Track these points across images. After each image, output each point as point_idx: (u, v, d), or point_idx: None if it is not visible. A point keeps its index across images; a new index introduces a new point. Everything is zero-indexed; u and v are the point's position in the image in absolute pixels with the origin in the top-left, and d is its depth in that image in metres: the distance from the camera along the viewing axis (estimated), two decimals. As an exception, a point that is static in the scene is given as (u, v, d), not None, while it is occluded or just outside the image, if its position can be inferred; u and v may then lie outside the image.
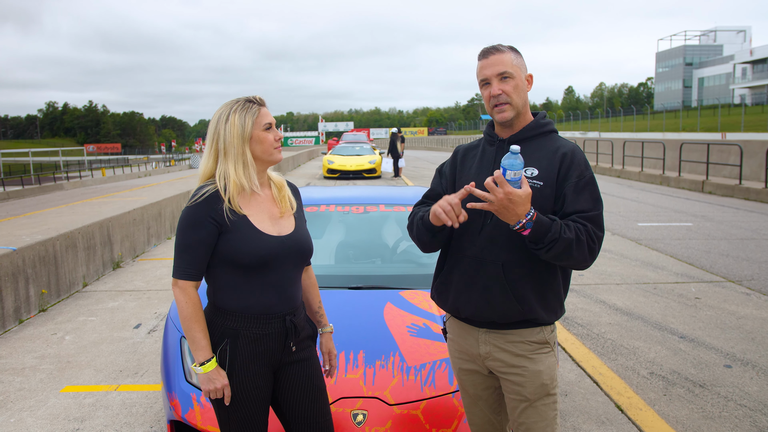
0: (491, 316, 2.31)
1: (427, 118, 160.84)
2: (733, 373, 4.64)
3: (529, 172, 2.28)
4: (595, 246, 2.20)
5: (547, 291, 2.30)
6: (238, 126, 2.26)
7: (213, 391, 2.26)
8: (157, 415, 4.07)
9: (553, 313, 2.34)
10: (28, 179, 30.79)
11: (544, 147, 2.33)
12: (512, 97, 2.29)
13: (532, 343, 2.32)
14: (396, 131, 24.47)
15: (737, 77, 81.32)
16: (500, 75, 2.28)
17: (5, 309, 5.99)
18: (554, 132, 2.41)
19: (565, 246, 2.11)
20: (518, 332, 2.32)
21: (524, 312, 2.27)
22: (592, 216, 2.21)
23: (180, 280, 2.25)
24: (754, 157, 17.36)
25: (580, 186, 2.24)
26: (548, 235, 2.10)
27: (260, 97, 2.34)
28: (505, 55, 2.30)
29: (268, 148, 2.32)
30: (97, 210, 9.86)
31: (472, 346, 2.41)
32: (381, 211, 4.68)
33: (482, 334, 2.38)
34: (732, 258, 8.57)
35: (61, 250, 7.14)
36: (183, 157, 63.09)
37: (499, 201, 2.06)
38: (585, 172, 2.26)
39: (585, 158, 2.32)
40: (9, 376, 4.81)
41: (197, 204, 2.24)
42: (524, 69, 2.34)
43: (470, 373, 2.48)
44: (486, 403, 2.51)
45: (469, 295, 2.34)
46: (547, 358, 2.35)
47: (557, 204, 2.26)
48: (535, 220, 2.09)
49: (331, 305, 3.47)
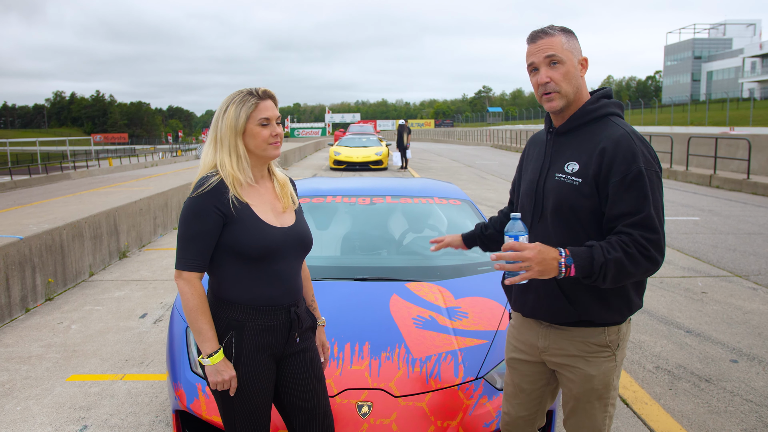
0: (545, 315, 2.27)
1: (434, 110, 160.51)
2: (739, 367, 4.62)
3: (571, 168, 2.17)
4: (650, 252, 2.01)
5: (607, 291, 2.15)
6: (232, 118, 2.24)
7: (220, 383, 2.25)
8: (163, 405, 4.08)
9: (616, 313, 2.19)
10: (36, 168, 30.88)
11: (592, 137, 2.16)
12: (561, 85, 2.14)
13: (591, 345, 2.22)
14: (403, 123, 24.42)
15: (746, 71, 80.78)
16: (549, 59, 2.13)
17: (12, 297, 6.02)
18: (610, 115, 2.20)
19: (617, 267, 1.97)
20: (578, 331, 2.23)
21: (578, 313, 2.19)
22: (637, 220, 2.02)
23: (184, 271, 2.23)
24: (762, 151, 17.25)
25: (625, 184, 2.04)
26: (594, 262, 1.97)
27: (264, 90, 2.29)
28: (554, 38, 2.13)
29: (260, 143, 2.27)
30: (103, 199, 9.87)
31: (533, 338, 2.37)
32: (387, 203, 4.67)
33: (543, 328, 2.33)
34: (739, 253, 8.53)
35: (67, 240, 7.16)
36: (190, 148, 63.23)
37: (534, 259, 1.95)
38: (632, 167, 2.04)
39: (634, 147, 2.08)
40: (15, 364, 4.83)
41: (202, 194, 2.22)
42: (577, 52, 2.17)
43: (522, 363, 2.44)
44: (528, 396, 2.46)
45: (526, 296, 2.32)
46: (604, 363, 2.23)
47: (603, 203, 2.10)
48: (570, 254, 1.98)
49: (336, 296, 3.47)
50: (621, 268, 1.98)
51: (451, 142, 61.79)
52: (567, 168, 2.18)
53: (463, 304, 3.45)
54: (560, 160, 2.22)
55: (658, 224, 2.05)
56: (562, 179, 2.18)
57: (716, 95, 78.47)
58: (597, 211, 2.12)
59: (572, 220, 2.16)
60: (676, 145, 20.90)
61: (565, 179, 2.17)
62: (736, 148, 18.37)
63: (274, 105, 2.32)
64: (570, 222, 2.16)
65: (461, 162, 28.76)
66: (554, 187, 2.20)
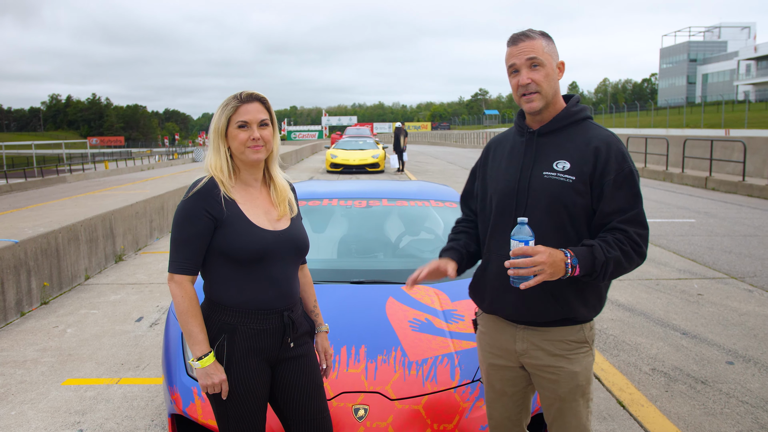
0: (529, 316, 2.27)
1: (431, 113, 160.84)
2: (735, 369, 4.63)
3: (561, 166, 2.21)
4: (641, 248, 2.15)
5: (586, 287, 2.23)
6: (215, 121, 2.30)
7: (210, 386, 2.25)
8: (158, 409, 4.07)
9: (592, 310, 2.28)
10: (31, 172, 30.80)
11: (576, 137, 2.24)
12: (542, 86, 2.20)
13: (571, 342, 2.27)
14: (399, 125, 24.46)
15: (741, 74, 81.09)
16: (530, 62, 2.19)
17: (7, 301, 6.00)
18: (587, 119, 2.30)
19: (616, 264, 2.09)
20: (557, 330, 2.27)
21: (563, 311, 2.22)
22: (631, 216, 2.15)
23: (176, 274, 2.24)
24: (757, 153, 17.30)
25: (618, 182, 2.15)
26: (596, 261, 2.06)
27: (250, 93, 2.30)
28: (535, 41, 2.20)
29: (239, 146, 2.28)
30: (99, 203, 9.86)
31: (508, 342, 2.37)
32: (384, 206, 4.67)
33: (520, 330, 2.32)
34: (735, 255, 8.55)
35: (63, 243, 7.14)
36: (186, 151, 63.12)
37: (546, 262, 2.00)
38: (623, 166, 2.17)
39: (623, 149, 2.21)
40: (10, 368, 4.81)
41: (192, 197, 2.24)
42: (556, 56, 2.25)
43: (500, 368, 2.43)
44: (511, 399, 2.46)
45: (506, 297, 2.29)
46: (585, 358, 2.29)
47: (594, 200, 2.19)
48: (575, 254, 2.06)
49: (333, 300, 3.46)
50: (619, 265, 2.11)
51: (448, 144, 61.85)
52: (556, 166, 2.22)
53: (459, 307, 3.45)
54: (546, 160, 2.26)
55: (646, 220, 2.20)
56: (553, 177, 2.22)
57: (711, 98, 78.72)
58: (588, 207, 2.20)
59: (563, 216, 2.21)
60: (671, 148, 20.95)
61: (556, 177, 2.21)
62: (731, 151, 18.42)
63: (263, 108, 2.31)
64: (560, 218, 2.21)
65: (458, 165, 28.79)
66: (544, 186, 2.23)
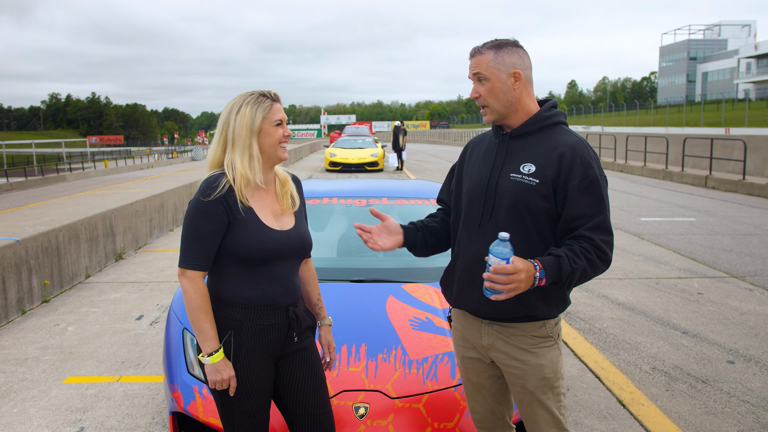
0: (492, 312, 2.31)
1: (430, 112, 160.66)
2: (735, 368, 4.63)
3: (527, 169, 2.25)
4: (606, 255, 2.17)
5: (549, 289, 2.23)
6: (248, 118, 2.28)
7: (219, 382, 2.27)
8: (159, 407, 4.08)
9: (555, 308, 2.32)
10: (31, 170, 30.78)
11: (545, 142, 2.27)
12: (488, 100, 2.27)
13: (535, 337, 2.32)
14: (399, 124, 24.47)
15: (741, 72, 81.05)
16: (476, 77, 2.27)
17: (8, 300, 6.00)
18: (560, 124, 2.33)
19: (581, 274, 2.12)
20: (520, 326, 2.31)
21: (524, 308, 2.26)
22: (595, 223, 2.16)
23: (188, 270, 2.25)
24: (757, 152, 17.31)
25: (583, 187, 2.17)
26: (562, 272, 2.08)
27: (275, 92, 2.35)
28: (482, 56, 2.26)
29: (274, 143, 2.32)
30: (99, 201, 9.86)
31: (475, 337, 2.42)
32: (383, 204, 4.67)
33: (485, 326, 2.38)
34: (735, 253, 8.55)
35: (63, 242, 7.14)
36: (185, 149, 63.01)
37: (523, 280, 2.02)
38: (588, 171, 2.18)
39: (589, 154, 2.23)
40: (12, 366, 4.82)
41: (210, 195, 2.24)
42: (506, 68, 2.24)
43: (473, 361, 2.48)
44: (489, 392, 2.50)
45: (470, 292, 2.34)
46: (550, 351, 2.34)
47: (558, 205, 2.21)
48: (542, 266, 2.07)
49: (333, 298, 3.46)
50: (584, 274, 2.14)
51: (447, 143, 61.84)
52: (523, 169, 2.26)
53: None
54: (514, 162, 2.30)
55: (611, 227, 2.22)
56: (518, 179, 2.26)
57: (711, 96, 78.70)
58: (551, 211, 2.23)
59: (526, 218, 2.24)
60: (671, 146, 20.96)
61: (521, 179, 2.25)
62: (731, 149, 18.42)
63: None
64: (523, 220, 2.24)
65: (457, 163, 28.72)
66: (509, 187, 2.27)
